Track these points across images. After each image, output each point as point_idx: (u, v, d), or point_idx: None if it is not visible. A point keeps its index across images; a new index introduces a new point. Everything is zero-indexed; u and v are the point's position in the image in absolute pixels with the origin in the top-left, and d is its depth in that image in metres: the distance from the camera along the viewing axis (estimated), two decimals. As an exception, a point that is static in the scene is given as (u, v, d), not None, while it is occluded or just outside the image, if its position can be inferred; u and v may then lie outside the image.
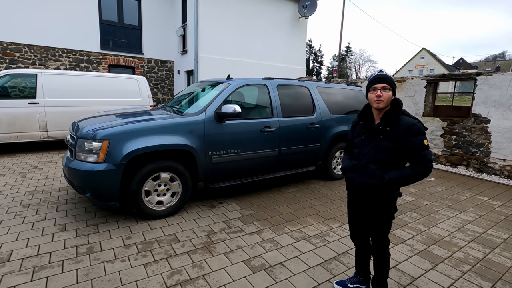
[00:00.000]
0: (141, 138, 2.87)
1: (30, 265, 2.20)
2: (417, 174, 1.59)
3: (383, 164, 1.67)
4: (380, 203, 1.72)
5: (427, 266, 2.43)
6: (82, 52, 9.63)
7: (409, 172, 1.61)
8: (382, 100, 1.64)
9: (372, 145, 1.70)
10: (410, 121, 1.61)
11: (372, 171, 1.69)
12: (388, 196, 1.70)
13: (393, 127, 1.63)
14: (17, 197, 3.55)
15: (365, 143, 1.75)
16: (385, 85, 1.64)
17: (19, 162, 5.15)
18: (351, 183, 1.84)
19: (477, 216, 3.55)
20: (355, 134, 1.87)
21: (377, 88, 1.66)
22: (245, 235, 2.82)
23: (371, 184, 1.69)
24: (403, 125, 1.61)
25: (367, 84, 1.74)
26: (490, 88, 5.46)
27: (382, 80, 1.65)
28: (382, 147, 1.66)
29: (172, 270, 2.22)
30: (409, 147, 1.59)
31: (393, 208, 1.73)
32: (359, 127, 1.84)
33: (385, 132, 1.65)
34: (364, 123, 1.79)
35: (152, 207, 3.04)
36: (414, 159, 1.61)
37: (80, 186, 2.87)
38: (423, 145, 1.57)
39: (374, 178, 1.68)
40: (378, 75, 1.70)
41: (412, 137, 1.58)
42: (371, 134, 1.72)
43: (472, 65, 62.73)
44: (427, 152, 1.58)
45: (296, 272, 2.27)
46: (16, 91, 5.81)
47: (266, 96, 3.91)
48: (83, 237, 2.65)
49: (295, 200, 3.84)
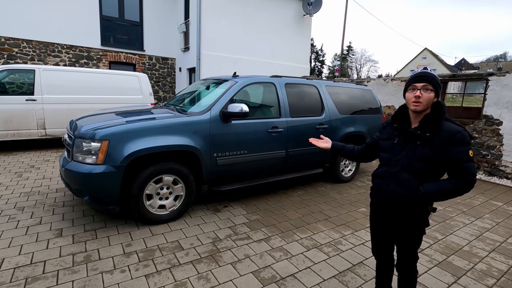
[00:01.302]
0: (143, 139, 2.70)
1: (22, 276, 2.03)
2: (458, 189, 1.39)
3: (418, 174, 1.47)
4: (411, 217, 1.53)
5: (449, 279, 2.26)
6: (82, 48, 9.45)
7: (448, 186, 1.41)
8: (421, 102, 1.44)
9: (407, 151, 1.50)
10: (454, 128, 1.40)
11: (405, 181, 1.49)
12: (421, 210, 1.50)
13: (434, 133, 1.43)
14: (11, 198, 3.37)
15: (397, 148, 1.55)
16: (426, 85, 1.43)
17: (15, 161, 4.98)
18: (378, 191, 1.63)
19: (494, 223, 3.39)
20: (385, 136, 1.65)
21: (416, 88, 1.45)
22: (252, 243, 2.65)
23: (403, 195, 1.50)
24: (445, 132, 1.40)
25: (407, 82, 1.52)
26: (503, 89, 5.28)
27: (424, 79, 1.44)
28: (419, 154, 1.46)
29: (176, 282, 2.05)
30: (450, 158, 1.40)
31: (426, 222, 1.54)
32: (391, 129, 1.63)
33: (424, 137, 1.45)
34: (399, 126, 1.57)
35: (154, 212, 2.87)
36: (456, 171, 1.40)
37: (78, 189, 2.70)
38: (467, 157, 1.37)
39: (407, 190, 1.48)
40: (420, 72, 1.48)
41: (455, 147, 1.38)
42: (407, 138, 1.52)
43: (474, 66, 62.52)
44: (471, 165, 1.38)
45: (309, 285, 2.10)
46: (14, 87, 5.62)
47: (274, 95, 3.74)
48: (80, 244, 2.48)
49: (303, 204, 3.67)
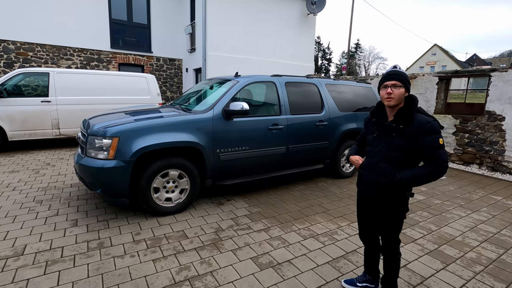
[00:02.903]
0: (150, 135, 2.90)
1: (43, 259, 2.25)
2: (431, 174, 1.53)
3: (395, 163, 1.62)
4: (391, 203, 1.67)
5: (438, 266, 2.38)
6: (92, 51, 9.79)
7: (422, 172, 1.56)
8: (393, 98, 1.59)
9: (384, 143, 1.66)
10: (424, 119, 1.55)
11: (383, 170, 1.64)
12: (399, 196, 1.65)
13: (407, 124, 1.57)
14: (30, 193, 3.64)
15: (377, 141, 1.71)
16: (395, 82, 1.59)
17: (32, 159, 5.28)
18: (361, 181, 1.81)
19: (490, 216, 3.47)
20: (368, 131, 1.82)
21: (387, 86, 1.61)
22: (252, 233, 2.82)
23: (382, 183, 1.65)
24: (417, 123, 1.55)
25: (380, 80, 1.69)
26: (506, 84, 5.30)
27: (393, 77, 1.60)
28: (395, 145, 1.61)
29: (181, 266, 2.24)
30: (423, 146, 1.54)
31: (405, 208, 1.69)
32: (372, 124, 1.80)
33: (398, 129, 1.59)
34: (377, 120, 1.74)
35: (161, 204, 3.07)
36: (428, 158, 1.55)
37: (91, 183, 2.92)
38: (437, 144, 1.51)
39: (385, 177, 1.63)
40: (389, 71, 1.65)
41: (426, 136, 1.52)
42: (384, 131, 1.68)
43: (486, 61, 61.05)
44: (442, 152, 1.52)
45: (304, 270, 2.26)
46: (29, 90, 5.95)
47: (274, 93, 3.89)
48: (94, 233, 2.70)
49: (303, 198, 3.82)
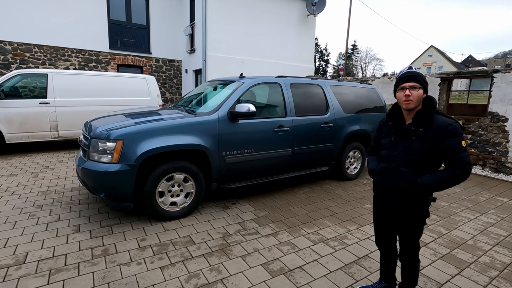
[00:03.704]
0: (155, 138, 2.83)
1: (46, 268, 2.17)
2: (454, 178, 1.48)
3: (415, 167, 1.55)
4: (412, 209, 1.61)
5: (453, 271, 2.33)
6: (91, 52, 9.68)
7: (445, 176, 1.50)
8: (412, 100, 1.52)
9: (403, 147, 1.58)
10: (445, 121, 1.48)
11: (404, 175, 1.57)
12: (421, 201, 1.59)
13: (427, 127, 1.51)
14: (30, 197, 3.54)
15: (395, 145, 1.63)
16: (414, 84, 1.52)
17: (30, 162, 5.17)
18: (379, 187, 1.73)
19: (499, 218, 3.43)
20: (383, 134, 1.75)
21: (405, 87, 1.54)
22: (261, 237, 2.76)
23: (403, 188, 1.58)
24: (437, 125, 1.48)
25: (395, 82, 1.62)
26: (508, 85, 5.29)
27: (411, 78, 1.53)
28: (414, 149, 1.54)
29: (190, 273, 2.17)
30: (445, 149, 1.47)
31: (426, 213, 1.63)
32: (388, 127, 1.72)
33: (418, 133, 1.53)
34: (394, 123, 1.67)
35: (166, 208, 3.00)
36: (450, 162, 1.49)
37: (94, 187, 2.84)
38: (460, 147, 1.45)
39: (406, 182, 1.57)
40: (406, 72, 1.57)
41: (447, 138, 1.46)
42: (402, 135, 1.60)
43: (482, 63, 61.58)
44: (465, 154, 1.46)
45: (316, 276, 2.19)
46: (27, 91, 5.83)
47: (280, 95, 3.84)
48: (98, 239, 2.61)
49: (309, 201, 3.76)
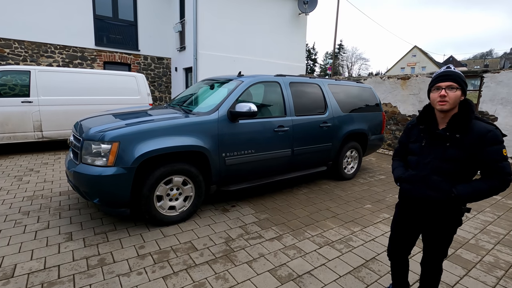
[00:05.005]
0: (153, 139, 2.68)
1: (38, 281, 2.00)
2: (493, 189, 1.37)
3: (449, 176, 1.44)
4: (444, 219, 1.51)
5: (460, 272, 2.32)
6: (75, 48, 9.27)
7: (483, 186, 1.38)
8: (447, 101, 1.39)
9: (436, 154, 1.47)
10: (485, 127, 1.36)
11: (437, 184, 1.46)
12: (454, 212, 1.49)
13: (464, 133, 1.39)
14: (15, 203, 3.30)
15: (426, 151, 1.51)
16: (451, 84, 1.39)
17: (13, 164, 4.87)
18: (408, 196, 1.60)
19: (495, 216, 3.48)
20: (412, 139, 1.61)
21: (441, 87, 1.41)
22: (265, 241, 2.67)
23: (435, 198, 1.47)
24: (476, 132, 1.36)
25: (430, 82, 1.50)
26: (498, 85, 5.42)
27: (448, 78, 1.40)
28: (449, 156, 1.41)
29: (195, 283, 2.05)
30: (484, 158, 1.36)
31: (459, 222, 1.52)
32: (418, 131, 1.59)
33: (454, 139, 1.41)
34: (426, 128, 1.54)
35: (164, 213, 2.85)
36: (490, 171, 1.37)
37: (87, 192, 2.66)
38: (501, 156, 1.34)
39: (439, 192, 1.45)
40: (443, 71, 1.46)
41: (487, 147, 1.35)
42: (435, 140, 1.48)
43: (462, 63, 63.73)
44: (506, 164, 1.35)
45: (326, 282, 2.13)
46: (7, 89, 5.47)
47: (279, 94, 3.75)
48: (93, 247, 2.45)
49: (309, 202, 3.70)
